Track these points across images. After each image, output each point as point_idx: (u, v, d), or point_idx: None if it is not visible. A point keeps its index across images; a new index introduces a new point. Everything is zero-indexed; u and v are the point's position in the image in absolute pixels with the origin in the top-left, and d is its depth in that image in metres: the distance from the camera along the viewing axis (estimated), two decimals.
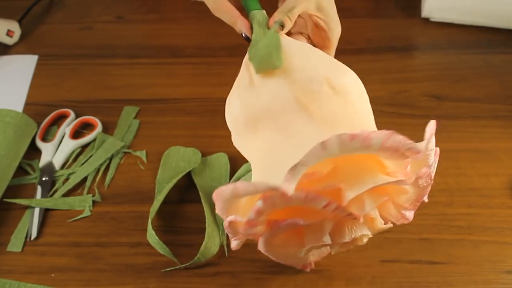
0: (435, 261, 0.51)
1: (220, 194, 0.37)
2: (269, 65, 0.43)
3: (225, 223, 0.40)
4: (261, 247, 0.42)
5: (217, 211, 0.39)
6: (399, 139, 0.35)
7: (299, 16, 0.48)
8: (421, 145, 0.37)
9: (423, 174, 0.39)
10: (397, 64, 0.71)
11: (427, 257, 0.51)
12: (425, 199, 0.43)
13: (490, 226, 0.53)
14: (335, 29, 0.49)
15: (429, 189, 0.42)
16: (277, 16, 0.46)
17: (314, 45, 0.50)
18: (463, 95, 0.67)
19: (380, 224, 0.43)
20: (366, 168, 0.38)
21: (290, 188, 0.35)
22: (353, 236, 0.42)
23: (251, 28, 0.48)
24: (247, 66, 0.45)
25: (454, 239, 0.52)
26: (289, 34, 0.50)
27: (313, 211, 0.38)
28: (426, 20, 0.77)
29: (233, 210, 0.39)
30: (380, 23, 0.77)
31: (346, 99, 0.42)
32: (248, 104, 0.43)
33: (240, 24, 0.48)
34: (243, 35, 0.48)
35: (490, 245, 0.52)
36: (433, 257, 0.51)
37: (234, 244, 0.43)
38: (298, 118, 0.40)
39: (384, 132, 0.35)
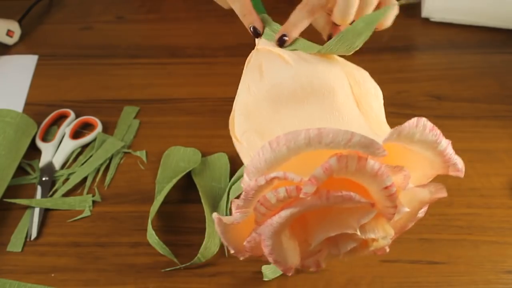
0: (435, 261, 0.51)
1: (288, 139, 0.33)
2: (346, 48, 0.41)
3: (258, 182, 0.33)
4: (270, 228, 0.36)
5: (257, 162, 0.33)
6: (452, 151, 0.37)
7: None
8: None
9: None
10: (397, 64, 0.71)
11: (427, 257, 0.51)
12: (387, 248, 0.41)
13: (490, 226, 0.53)
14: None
15: (410, 225, 0.42)
16: (282, 31, 0.45)
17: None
18: (463, 95, 0.67)
19: (390, 237, 0.39)
20: (419, 164, 0.37)
21: (383, 150, 0.32)
22: (378, 235, 0.37)
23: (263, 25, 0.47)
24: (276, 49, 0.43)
25: (454, 239, 0.52)
26: None
27: (360, 192, 0.34)
28: (426, 20, 0.77)
29: (278, 168, 0.34)
30: None
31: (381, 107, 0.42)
32: (301, 74, 0.40)
33: (252, 17, 0.47)
34: (251, 29, 0.47)
35: (490, 245, 0.52)
36: (433, 257, 0.51)
37: (237, 217, 0.36)
38: (348, 103, 0.39)
39: (448, 140, 0.36)
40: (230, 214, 0.54)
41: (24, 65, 0.74)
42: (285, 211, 0.34)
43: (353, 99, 0.39)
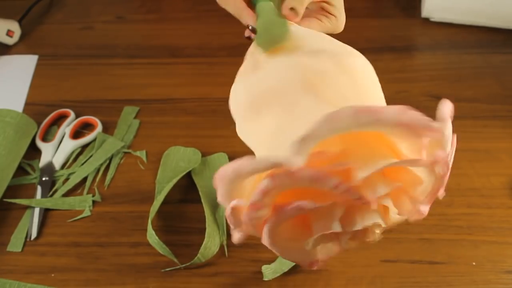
0: (435, 261, 0.51)
1: (222, 176, 0.34)
2: (276, 38, 0.41)
3: (227, 211, 0.36)
4: (265, 239, 0.38)
5: (219, 198, 0.36)
6: (414, 114, 0.33)
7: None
8: (437, 123, 0.34)
9: (439, 158, 0.35)
10: (397, 64, 0.71)
11: (427, 257, 0.51)
12: (441, 194, 0.39)
13: (490, 226, 0.53)
14: (339, 18, 0.48)
15: (446, 180, 0.38)
16: (290, 3, 0.45)
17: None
18: (463, 95, 0.67)
19: (394, 215, 0.39)
20: (378, 151, 0.35)
21: (297, 162, 0.32)
22: (364, 223, 0.37)
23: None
24: (251, 53, 0.44)
25: (454, 239, 0.52)
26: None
27: (322, 194, 0.34)
28: (426, 20, 0.77)
29: (236, 195, 0.36)
30: (380, 23, 0.77)
31: (355, 79, 0.40)
32: (252, 87, 0.41)
33: (246, 16, 0.47)
34: (250, 28, 0.47)
35: (490, 245, 0.52)
36: (433, 257, 0.51)
37: (237, 236, 0.39)
38: (306, 99, 0.38)
39: (398, 107, 0.32)
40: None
41: (24, 65, 0.74)
42: (264, 228, 0.37)
43: (311, 94, 0.38)
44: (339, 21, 0.49)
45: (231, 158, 0.60)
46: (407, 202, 0.39)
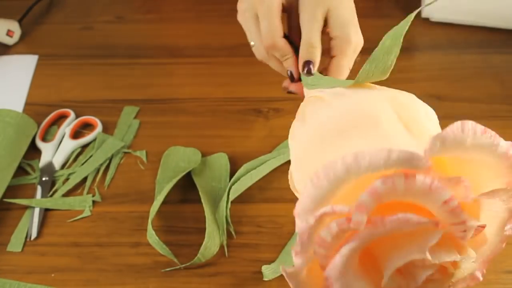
0: None
1: (327, 173, 0.30)
2: (380, 70, 0.40)
3: (308, 222, 0.31)
4: (336, 267, 0.32)
5: (303, 204, 0.31)
6: None
7: None
8: None
9: None
10: (397, 64, 0.71)
11: None
12: (479, 274, 0.38)
13: None
14: (342, 38, 0.48)
15: (503, 246, 0.37)
16: (301, 55, 0.47)
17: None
18: (463, 95, 0.67)
19: (471, 260, 0.35)
20: (481, 179, 0.34)
21: (427, 161, 0.29)
22: (453, 258, 0.33)
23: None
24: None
25: None
26: None
27: (420, 213, 0.31)
28: (426, 20, 0.77)
29: (326, 203, 0.32)
30: (380, 23, 0.76)
31: (430, 118, 0.40)
32: (337, 109, 0.39)
33: (291, 62, 0.47)
34: (289, 73, 0.48)
35: None
36: None
37: (298, 263, 0.32)
38: (397, 125, 0.36)
39: (509, 142, 0.33)
40: (230, 215, 0.54)
41: (24, 65, 0.74)
42: (345, 248, 0.31)
43: (400, 124, 0.37)
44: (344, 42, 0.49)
45: (231, 158, 0.60)
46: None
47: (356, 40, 0.48)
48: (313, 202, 0.32)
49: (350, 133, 0.36)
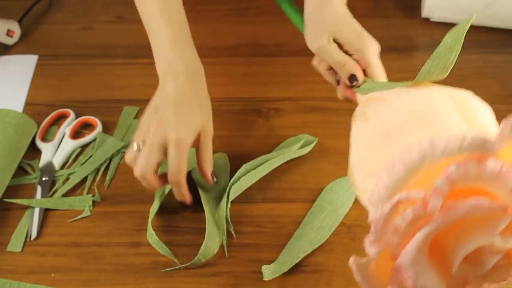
0: None
1: (402, 160, 0.32)
2: (441, 68, 0.42)
3: (384, 210, 0.32)
4: (409, 252, 0.33)
5: (378, 191, 0.33)
6: None
7: None
8: None
9: None
10: (397, 64, 0.71)
11: None
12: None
13: None
14: (363, 48, 0.51)
15: None
16: (341, 74, 0.50)
17: None
18: None
19: None
20: None
21: (498, 145, 0.31)
22: None
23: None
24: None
25: None
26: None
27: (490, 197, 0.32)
28: (426, 20, 0.77)
29: (399, 190, 0.32)
30: (380, 23, 0.77)
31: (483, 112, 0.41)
32: (400, 107, 0.40)
33: (352, 65, 0.50)
34: (349, 78, 0.49)
35: None
36: None
37: (372, 253, 0.34)
38: (457, 120, 0.37)
39: None
40: (230, 215, 0.54)
41: (24, 65, 0.74)
42: (418, 234, 0.32)
43: (460, 117, 0.38)
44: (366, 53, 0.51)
45: (231, 158, 0.60)
46: None
47: (373, 42, 0.52)
48: (388, 189, 0.33)
49: (414, 128, 0.37)
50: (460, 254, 0.34)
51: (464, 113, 0.38)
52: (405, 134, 0.37)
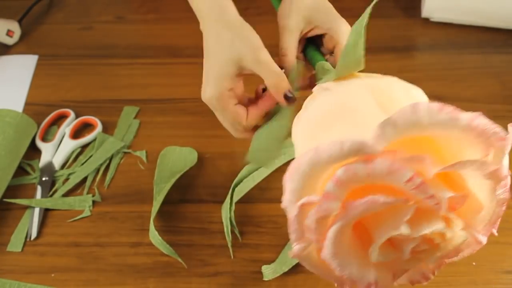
0: None
1: (297, 168, 0.33)
2: (353, 62, 0.42)
3: (293, 213, 0.35)
4: (328, 247, 0.35)
5: (286, 200, 0.35)
6: (485, 121, 0.33)
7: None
8: (505, 133, 0.34)
9: (502, 177, 0.35)
10: (397, 64, 0.71)
11: None
12: (495, 230, 0.39)
13: None
14: (334, 27, 0.50)
15: (503, 209, 0.38)
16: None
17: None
18: (463, 95, 0.67)
19: (458, 229, 0.37)
20: (446, 155, 0.35)
21: (379, 146, 0.32)
22: (431, 228, 0.35)
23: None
24: (318, 88, 0.44)
25: None
26: None
27: (391, 193, 0.33)
28: (426, 20, 0.77)
29: (305, 194, 0.34)
30: (380, 23, 0.77)
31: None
32: (324, 105, 0.41)
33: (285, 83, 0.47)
34: (288, 94, 0.46)
35: (490, 245, 0.51)
36: None
37: (297, 249, 0.36)
38: (377, 112, 0.38)
39: (471, 112, 0.33)
40: (234, 216, 0.54)
41: (24, 65, 0.74)
42: (330, 231, 0.34)
43: (379, 109, 0.38)
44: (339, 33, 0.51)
45: (231, 158, 0.60)
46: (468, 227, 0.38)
47: (346, 23, 0.51)
48: (293, 194, 0.35)
49: (332, 125, 0.38)
50: (377, 242, 0.35)
51: (383, 103, 0.38)
52: (324, 132, 0.39)
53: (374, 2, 0.41)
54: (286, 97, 0.46)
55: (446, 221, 0.36)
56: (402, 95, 0.40)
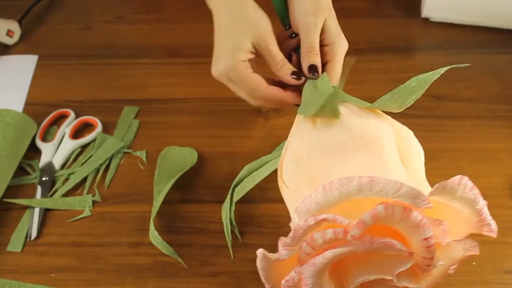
0: None
1: (343, 184, 0.35)
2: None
3: (308, 222, 0.36)
4: (315, 266, 0.37)
5: (308, 204, 0.36)
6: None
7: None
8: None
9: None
10: (397, 64, 0.71)
11: None
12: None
13: None
14: (339, 43, 0.50)
15: (438, 281, 0.42)
16: (306, 60, 0.48)
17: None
18: (463, 95, 0.67)
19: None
20: (455, 221, 0.39)
21: (427, 202, 0.34)
22: (415, 286, 0.40)
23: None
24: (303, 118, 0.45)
25: None
26: None
27: (400, 239, 0.36)
28: (426, 20, 0.77)
29: (325, 211, 0.36)
30: (380, 23, 0.77)
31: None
32: (354, 127, 0.42)
33: (289, 67, 0.48)
34: (293, 76, 0.48)
35: (490, 245, 0.52)
36: None
37: (283, 253, 0.38)
38: (394, 157, 0.40)
39: (485, 202, 0.38)
40: (234, 216, 0.54)
41: (24, 65, 0.74)
42: (329, 252, 0.36)
43: (398, 155, 0.41)
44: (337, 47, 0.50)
45: (231, 158, 0.60)
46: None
47: (345, 41, 0.51)
48: (318, 206, 0.36)
49: (356, 150, 0.40)
50: (359, 279, 0.39)
51: (402, 152, 0.41)
52: (348, 154, 0.40)
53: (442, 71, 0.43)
54: (312, 71, 0.47)
55: (419, 281, 0.40)
56: (415, 150, 0.43)
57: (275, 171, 0.58)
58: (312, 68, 0.48)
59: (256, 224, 0.55)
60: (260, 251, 0.39)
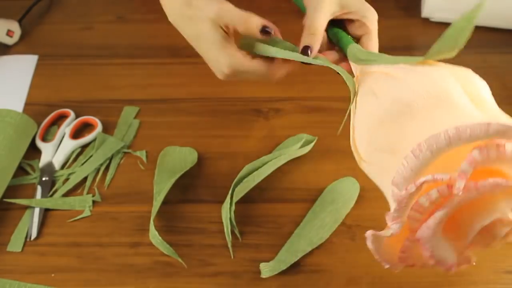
0: None
1: (431, 142, 0.35)
2: (451, 48, 0.43)
3: (409, 190, 0.36)
4: (429, 227, 0.37)
5: (403, 173, 0.36)
6: None
7: None
8: None
9: None
10: None
11: None
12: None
13: None
14: (368, 16, 0.51)
15: None
16: (301, 41, 0.48)
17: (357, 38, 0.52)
18: None
19: None
20: None
21: None
22: None
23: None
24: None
25: None
26: None
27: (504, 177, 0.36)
28: (426, 20, 0.77)
29: (423, 173, 0.36)
30: (380, 23, 0.76)
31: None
32: (416, 85, 0.41)
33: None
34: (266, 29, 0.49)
35: None
36: None
37: (394, 228, 0.37)
38: (465, 102, 0.39)
39: None
40: (234, 216, 0.54)
41: (24, 65, 0.74)
42: (439, 212, 0.36)
43: (467, 97, 0.40)
44: (370, 19, 0.52)
45: (231, 158, 0.60)
46: None
47: (374, 11, 0.52)
48: (414, 172, 0.36)
49: (426, 107, 0.39)
50: (475, 227, 0.38)
51: (470, 92, 0.40)
52: (420, 114, 0.39)
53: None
54: (264, 31, 0.49)
55: None
56: (480, 85, 0.43)
57: (274, 171, 0.58)
58: (304, 49, 0.48)
59: (256, 224, 0.55)
60: (369, 233, 0.39)
